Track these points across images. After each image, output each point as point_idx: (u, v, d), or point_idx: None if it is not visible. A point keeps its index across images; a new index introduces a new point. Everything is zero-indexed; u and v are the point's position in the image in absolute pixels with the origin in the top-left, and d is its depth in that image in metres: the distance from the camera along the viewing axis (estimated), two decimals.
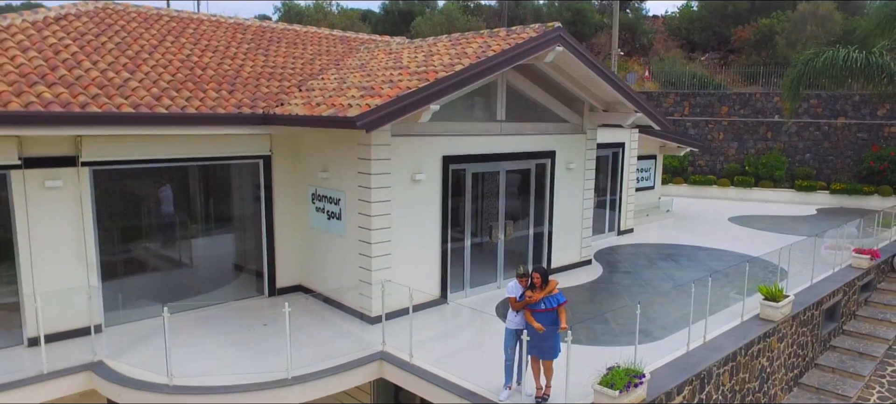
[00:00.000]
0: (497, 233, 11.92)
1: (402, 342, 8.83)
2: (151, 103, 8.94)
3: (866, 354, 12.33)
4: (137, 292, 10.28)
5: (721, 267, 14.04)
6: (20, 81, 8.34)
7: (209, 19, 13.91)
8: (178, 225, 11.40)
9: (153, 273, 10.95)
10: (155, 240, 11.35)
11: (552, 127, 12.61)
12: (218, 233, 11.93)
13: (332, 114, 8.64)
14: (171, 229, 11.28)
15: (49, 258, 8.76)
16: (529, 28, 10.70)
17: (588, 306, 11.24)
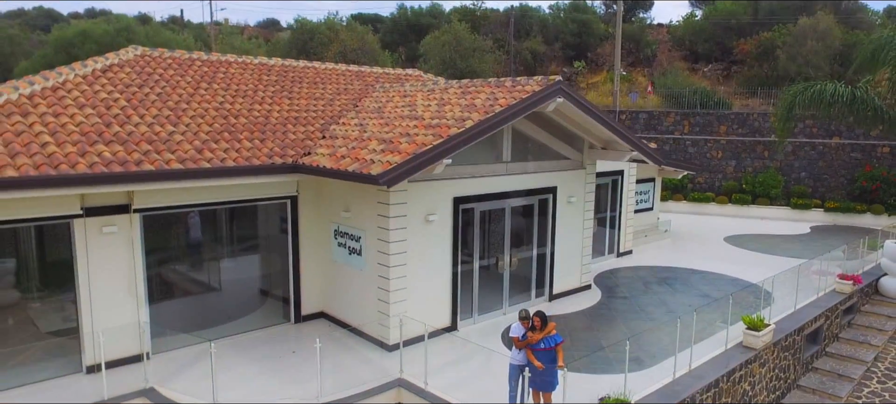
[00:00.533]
0: (503, 264, 12.98)
1: (417, 369, 9.89)
2: (195, 156, 10.05)
3: (845, 376, 13.30)
4: (178, 320, 11.39)
5: (712, 292, 15.06)
6: (82, 141, 9.46)
7: (236, 62, 15.04)
8: (212, 257, 12.54)
9: (191, 301, 12.10)
10: (192, 271, 12.51)
11: (554, 164, 13.66)
12: (248, 264, 13.08)
13: (357, 169, 9.72)
14: (207, 261, 12.43)
15: (105, 294, 9.87)
16: (533, 81, 11.73)
17: (586, 333, 12.28)
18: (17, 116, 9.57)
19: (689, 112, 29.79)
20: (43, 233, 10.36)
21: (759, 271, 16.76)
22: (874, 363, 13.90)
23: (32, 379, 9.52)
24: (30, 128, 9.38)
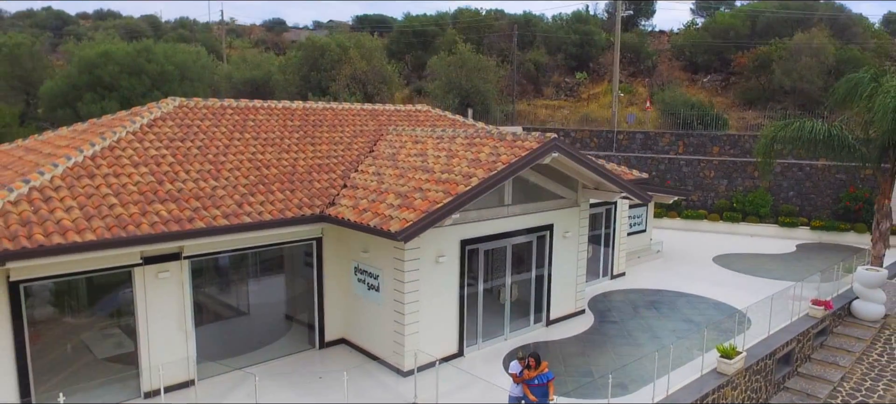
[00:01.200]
0: (504, 295, 14.51)
1: (429, 394, 11.43)
2: (236, 210, 11.60)
3: (812, 396, 14.77)
4: (218, 346, 12.96)
5: (695, 316, 16.56)
6: (142, 200, 11.03)
7: (263, 107, 16.58)
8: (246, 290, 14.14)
9: (229, 330, 13.68)
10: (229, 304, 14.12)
11: (551, 204, 15.15)
12: (278, 296, 14.68)
13: (377, 224, 11.25)
14: (241, 294, 14.02)
15: (159, 330, 11.44)
16: (531, 138, 13.24)
17: (578, 358, 13.80)
18: (85, 179, 11.14)
19: (683, 133, 31.20)
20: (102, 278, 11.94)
21: (742, 294, 18.26)
22: (841, 383, 15.34)
23: (106, 401, 11.09)
24: (97, 190, 10.94)
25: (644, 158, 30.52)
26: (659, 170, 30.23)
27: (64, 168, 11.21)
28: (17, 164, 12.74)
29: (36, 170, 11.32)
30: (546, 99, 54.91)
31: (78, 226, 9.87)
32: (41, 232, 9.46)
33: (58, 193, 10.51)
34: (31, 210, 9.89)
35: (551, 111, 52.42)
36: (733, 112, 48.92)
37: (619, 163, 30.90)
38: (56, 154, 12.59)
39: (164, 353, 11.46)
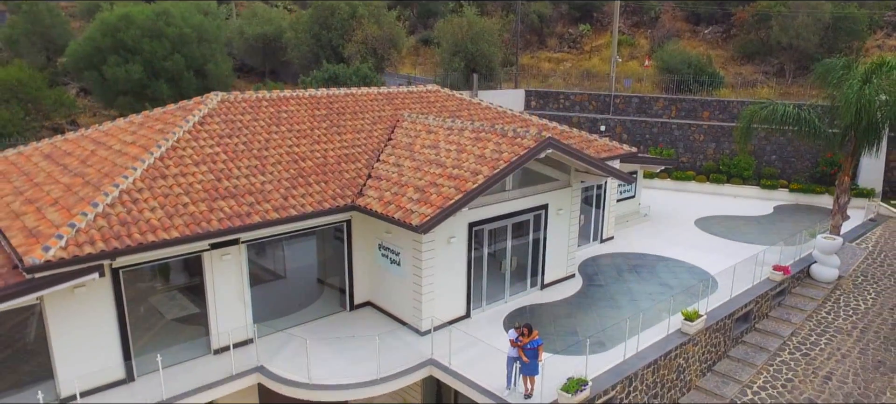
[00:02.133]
0: (505, 265, 17.06)
1: (443, 351, 14.13)
2: (283, 203, 14.01)
3: (764, 348, 17.50)
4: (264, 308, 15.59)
5: (671, 280, 19.15)
6: (207, 198, 13.42)
7: (292, 97, 18.71)
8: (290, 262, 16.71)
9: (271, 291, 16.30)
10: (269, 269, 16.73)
11: (546, 186, 17.48)
12: (315, 267, 17.28)
13: (400, 217, 13.66)
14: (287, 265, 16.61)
15: (224, 299, 14.04)
16: (529, 136, 15.42)
17: (566, 319, 16.46)
18: (160, 180, 13.51)
19: (676, 98, 33.02)
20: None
21: (715, 258, 20.80)
22: (790, 337, 18.05)
23: (181, 359, 13.82)
24: (171, 190, 13.33)
25: (638, 121, 32.51)
26: (652, 132, 32.27)
27: (141, 170, 13.55)
28: (93, 160, 15.05)
29: (116, 171, 13.68)
30: (549, 50, 56.15)
31: (163, 224, 12.32)
32: (137, 230, 11.92)
33: (142, 195, 12.90)
34: (125, 211, 12.31)
35: (554, 64, 53.82)
36: (731, 66, 50.33)
37: (614, 126, 33.00)
38: (126, 151, 14.92)
39: (228, 319, 14.12)
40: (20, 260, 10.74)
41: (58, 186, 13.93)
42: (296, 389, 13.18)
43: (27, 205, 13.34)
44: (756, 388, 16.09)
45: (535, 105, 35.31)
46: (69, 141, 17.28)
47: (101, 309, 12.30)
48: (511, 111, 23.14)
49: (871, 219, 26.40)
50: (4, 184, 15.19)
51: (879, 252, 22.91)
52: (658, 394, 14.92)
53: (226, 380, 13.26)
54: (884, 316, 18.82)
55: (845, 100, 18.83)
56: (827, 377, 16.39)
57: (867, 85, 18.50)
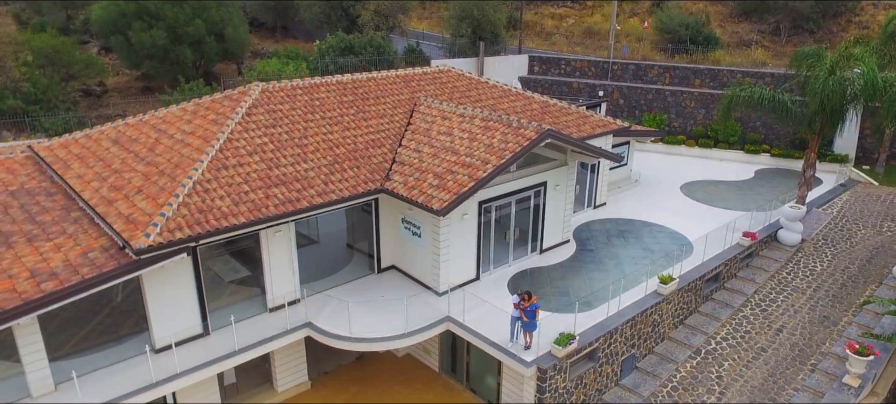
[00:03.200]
0: (509, 235, 19.92)
1: (457, 309, 17.16)
2: (325, 189, 16.73)
3: (729, 305, 20.54)
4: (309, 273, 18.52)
5: (653, 245, 22.01)
6: (262, 186, 16.14)
7: (322, 84, 21.10)
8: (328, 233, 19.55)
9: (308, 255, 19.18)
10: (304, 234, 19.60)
11: (546, 166, 20.11)
12: (341, 229, 20.15)
13: (423, 201, 16.38)
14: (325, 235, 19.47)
15: (277, 267, 16.95)
16: (531, 127, 17.95)
17: (560, 282, 19.44)
18: (223, 171, 16.19)
19: (670, 66, 35.07)
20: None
21: (694, 225, 23.59)
22: (753, 294, 21.05)
23: (245, 316, 16.85)
24: (233, 180, 16.04)
25: (635, 88, 34.70)
26: (647, 98, 34.52)
27: (207, 162, 16.20)
28: (160, 150, 17.67)
29: (184, 162, 16.35)
30: (552, 5, 57.34)
31: (231, 211, 15.10)
32: (213, 217, 14.72)
33: (211, 185, 15.62)
34: (201, 200, 15.07)
35: (557, 21, 55.25)
36: (729, 24, 51.87)
37: (611, 92, 35.22)
38: (187, 142, 17.53)
39: (281, 283, 17.09)
40: (127, 244, 13.58)
41: (136, 175, 16.63)
42: (339, 341, 16.28)
43: (114, 191, 16.08)
44: (719, 339, 19.22)
45: (538, 70, 37.38)
46: (131, 126, 19.84)
47: (184, 278, 15.24)
48: (514, 87, 25.46)
49: (841, 184, 29.05)
50: (85, 168, 17.88)
51: (842, 217, 25.70)
52: (635, 344, 18.04)
53: (282, 334, 16.36)
54: (835, 276, 21.78)
55: (812, 89, 21.18)
56: (779, 330, 19.49)
57: (832, 76, 20.79)
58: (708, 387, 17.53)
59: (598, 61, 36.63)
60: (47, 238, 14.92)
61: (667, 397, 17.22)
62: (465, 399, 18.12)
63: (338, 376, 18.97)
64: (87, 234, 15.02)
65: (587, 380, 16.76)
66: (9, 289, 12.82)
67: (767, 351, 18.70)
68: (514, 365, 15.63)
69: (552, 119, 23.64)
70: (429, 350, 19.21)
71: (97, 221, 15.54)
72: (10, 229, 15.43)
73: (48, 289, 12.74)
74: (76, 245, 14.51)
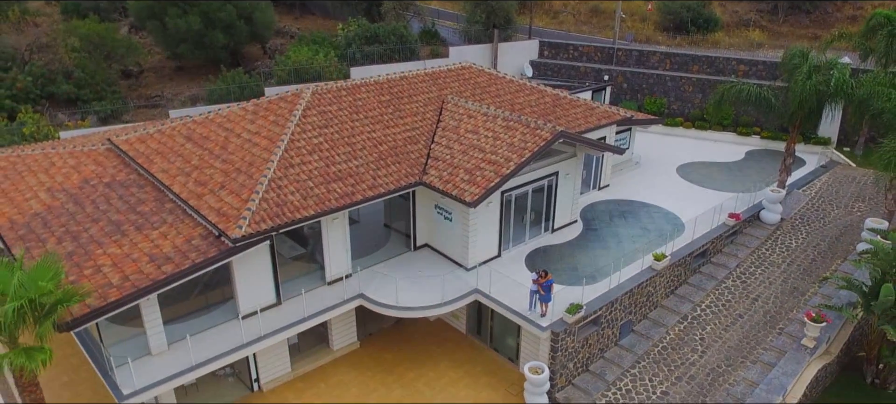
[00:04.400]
0: (525, 218, 23.21)
1: (484, 282, 20.57)
2: (374, 183, 19.94)
3: (714, 277, 23.92)
4: (355, 251, 21.85)
5: (649, 225, 25.26)
6: (323, 182, 19.34)
7: (361, 85, 24.06)
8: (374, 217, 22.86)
9: (364, 240, 22.53)
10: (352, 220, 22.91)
11: (558, 158, 23.22)
12: (379, 209, 23.46)
13: (457, 194, 19.59)
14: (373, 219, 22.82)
15: (334, 247, 20.29)
16: (546, 128, 21.01)
17: (569, 259, 22.79)
18: (290, 169, 19.37)
19: (670, 53, 37.72)
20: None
21: (687, 205, 26.76)
22: (734, 268, 24.40)
23: (308, 288, 20.26)
24: (299, 177, 19.23)
25: (637, 73, 37.45)
26: (648, 83, 37.31)
27: (276, 161, 19.36)
28: (232, 148, 20.79)
29: (256, 161, 19.50)
30: None
31: (301, 204, 18.36)
32: (287, 210, 17.97)
33: (282, 182, 18.82)
34: (276, 196, 18.30)
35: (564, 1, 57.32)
36: (729, 3, 53.96)
37: (615, 76, 37.99)
38: (254, 142, 20.65)
39: (337, 261, 20.46)
40: (224, 234, 16.87)
41: (216, 171, 19.82)
42: (388, 310, 19.75)
43: (200, 186, 19.31)
44: (703, 307, 22.68)
45: (547, 54, 40.04)
46: (200, 124, 22.91)
47: (263, 258, 18.59)
48: (525, 72, 28.27)
49: (822, 165, 32.12)
50: (167, 163, 21.08)
51: (819, 198, 28.89)
52: (632, 311, 21.51)
53: (340, 304, 19.84)
54: (807, 252, 25.12)
55: (792, 91, 24.10)
56: (755, 298, 22.93)
57: (809, 80, 23.66)
58: (692, 347, 21.06)
59: (604, 46, 39.27)
60: (152, 227, 18.25)
61: (657, 356, 20.77)
62: (488, 356, 21.69)
63: (381, 337, 22.51)
64: (184, 224, 18.34)
65: (591, 341, 20.28)
66: (136, 271, 16.20)
67: (744, 317, 22.18)
68: (532, 329, 19.12)
69: (563, 112, 26.64)
70: (457, 315, 22.71)
71: (189, 212, 18.83)
72: (119, 218, 18.76)
73: (168, 271, 16.12)
74: (178, 233, 17.83)
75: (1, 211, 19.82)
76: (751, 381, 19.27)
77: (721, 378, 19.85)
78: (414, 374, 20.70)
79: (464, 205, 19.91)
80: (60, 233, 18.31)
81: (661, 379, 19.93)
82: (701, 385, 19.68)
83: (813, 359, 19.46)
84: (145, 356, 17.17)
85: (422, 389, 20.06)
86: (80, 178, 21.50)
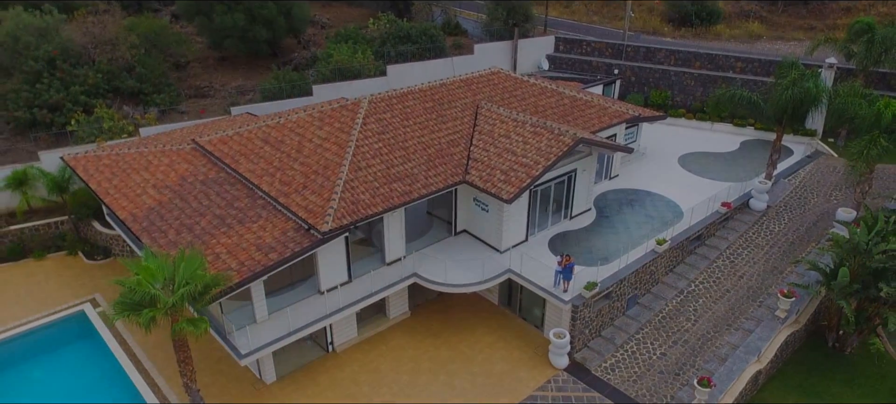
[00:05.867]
0: (549, 206, 27.50)
1: (516, 263, 24.98)
2: (427, 182, 24.16)
3: (706, 257, 28.26)
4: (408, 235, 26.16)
5: (653, 212, 29.50)
6: (387, 183, 23.57)
7: (408, 93, 28.04)
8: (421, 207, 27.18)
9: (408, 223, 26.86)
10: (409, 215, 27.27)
11: (576, 157, 27.35)
12: (435, 209, 27.79)
13: (495, 192, 23.84)
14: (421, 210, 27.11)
15: (393, 234, 24.59)
16: (568, 135, 25.10)
17: (585, 242, 27.14)
18: (359, 172, 23.56)
19: (674, 50, 41.40)
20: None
21: (687, 194, 30.92)
22: (724, 249, 28.71)
23: (366, 271, 24.63)
24: (367, 179, 23.45)
25: (644, 67, 41.19)
26: (654, 77, 41.08)
27: (347, 165, 23.55)
28: (306, 151, 24.96)
29: (330, 164, 23.69)
30: None
31: (371, 202, 22.63)
32: (361, 208, 22.25)
33: (353, 183, 23.05)
34: (350, 196, 22.55)
35: None
36: None
37: (624, 70, 41.77)
38: (325, 147, 24.80)
39: (394, 245, 24.84)
40: (314, 228, 21.19)
41: (296, 173, 24.03)
42: (439, 286, 24.21)
43: (285, 186, 23.55)
44: (697, 283, 27.09)
45: (563, 49, 43.71)
46: (273, 128, 27.03)
47: (339, 244, 22.94)
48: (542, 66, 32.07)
49: (808, 155, 36.14)
50: (252, 164, 25.27)
51: (803, 186, 33.04)
52: (637, 287, 25.93)
53: (400, 281, 24.29)
54: (787, 236, 29.41)
55: (777, 97, 28.06)
56: (740, 276, 27.33)
57: (789, 90, 27.57)
58: (686, 317, 25.54)
59: (614, 43, 42.93)
60: (252, 221, 22.59)
61: (657, 324, 25.27)
62: (518, 324, 26.20)
63: (426, 307, 27.01)
64: (277, 218, 22.67)
65: (603, 312, 24.74)
66: (249, 258, 20.60)
67: (730, 292, 26.61)
68: (556, 302, 23.58)
69: (579, 113, 30.68)
70: (491, 290, 27.18)
71: (279, 208, 23.13)
72: (223, 213, 23.10)
73: (274, 258, 20.51)
74: (274, 227, 22.18)
75: (121, 205, 24.19)
76: (733, 345, 23.78)
77: (709, 342, 24.37)
78: (456, 339, 25.27)
79: (501, 201, 24.17)
80: (176, 225, 22.69)
81: (659, 342, 24.46)
82: (693, 348, 24.21)
83: (783, 327, 23.93)
84: (252, 323, 21.69)
85: (465, 351, 24.65)
86: (177, 176, 25.78)
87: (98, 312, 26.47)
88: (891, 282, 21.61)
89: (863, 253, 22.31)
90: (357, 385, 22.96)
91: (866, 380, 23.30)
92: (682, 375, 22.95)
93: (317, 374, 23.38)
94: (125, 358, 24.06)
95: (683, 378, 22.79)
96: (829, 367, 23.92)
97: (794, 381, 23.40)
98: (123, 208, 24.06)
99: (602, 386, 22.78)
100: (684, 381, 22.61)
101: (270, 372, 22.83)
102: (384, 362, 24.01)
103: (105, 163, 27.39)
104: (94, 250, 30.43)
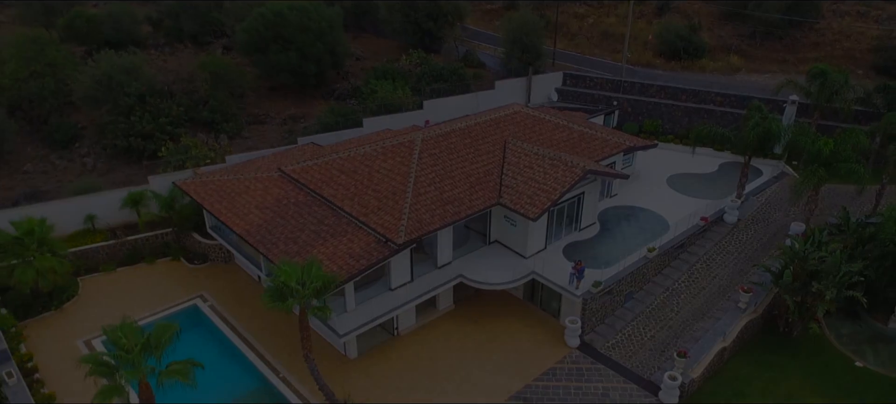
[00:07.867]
0: (563, 222, 34.81)
1: (538, 266, 32.25)
2: (470, 204, 31.42)
3: (687, 262, 35.55)
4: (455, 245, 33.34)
5: (646, 225, 36.78)
6: (441, 204, 30.82)
7: (451, 132, 35.30)
8: None
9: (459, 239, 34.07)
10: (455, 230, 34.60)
11: (585, 181, 34.62)
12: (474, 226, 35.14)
13: (524, 212, 31.11)
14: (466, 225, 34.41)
15: (444, 243, 31.80)
16: (578, 167, 32.38)
17: (591, 250, 34.42)
18: (420, 196, 30.75)
19: (664, 86, 48.76)
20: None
21: (673, 209, 38.21)
22: (701, 256, 35.96)
23: (423, 273, 31.83)
24: (426, 201, 30.64)
25: (639, 100, 48.54)
26: (647, 108, 48.42)
27: (411, 191, 30.74)
28: (377, 179, 32.13)
29: (397, 190, 30.91)
30: (575, 3, 69.75)
31: (431, 221, 29.85)
32: (423, 225, 29.47)
33: (416, 206, 30.24)
34: (415, 216, 29.77)
35: (579, 20, 67.88)
36: (716, 27, 64.54)
37: (622, 103, 49.21)
38: (390, 177, 31.99)
39: (444, 252, 32.05)
40: (391, 240, 28.40)
41: (371, 198, 31.22)
42: (480, 285, 31.47)
43: (362, 207, 30.76)
44: (680, 283, 34.41)
45: (569, 84, 51.07)
46: (346, 160, 34.19)
47: (406, 253, 30.12)
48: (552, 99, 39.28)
49: (774, 176, 43.46)
50: (332, 189, 32.45)
51: (768, 203, 40.38)
52: (632, 285, 33.23)
53: (449, 282, 31.55)
54: (753, 244, 36.75)
55: (744, 136, 35.40)
56: (714, 277, 34.67)
57: (755, 130, 34.89)
58: (671, 309, 32.84)
59: (614, 79, 50.29)
60: (340, 235, 29.79)
61: (648, 314, 32.55)
62: (539, 314, 33.42)
63: (466, 302, 34.21)
64: (359, 233, 29.88)
65: (606, 305, 32.00)
66: (345, 263, 27.81)
67: (705, 289, 33.92)
68: (570, 297, 30.85)
69: (586, 144, 38.00)
70: (517, 288, 34.40)
71: (360, 225, 30.32)
72: (318, 229, 30.32)
73: (363, 264, 27.72)
74: (359, 240, 29.40)
75: (237, 222, 31.41)
76: (705, 329, 31.07)
77: (688, 327, 31.66)
78: (492, 325, 32.54)
79: (527, 219, 31.45)
80: (284, 238, 29.92)
81: (649, 328, 31.74)
82: (676, 332, 31.49)
83: (744, 316, 31.25)
84: (343, 313, 28.89)
85: (499, 334, 31.91)
86: (273, 199, 33.01)
87: (207, 306, 33.66)
88: (821, 281, 28.93)
89: (802, 258, 29.64)
90: (419, 359, 30.22)
91: (807, 356, 30.62)
92: (667, 352, 30.25)
93: (388, 351, 30.64)
94: (237, 339, 31.24)
95: (667, 354, 30.09)
96: (779, 346, 31.24)
97: (752, 357, 30.71)
98: (237, 225, 31.27)
99: (605, 360, 30.07)
100: (668, 357, 29.90)
101: (353, 350, 30.06)
102: (438, 343, 31.25)
103: (211, 188, 34.60)
104: (194, 256, 37.58)
